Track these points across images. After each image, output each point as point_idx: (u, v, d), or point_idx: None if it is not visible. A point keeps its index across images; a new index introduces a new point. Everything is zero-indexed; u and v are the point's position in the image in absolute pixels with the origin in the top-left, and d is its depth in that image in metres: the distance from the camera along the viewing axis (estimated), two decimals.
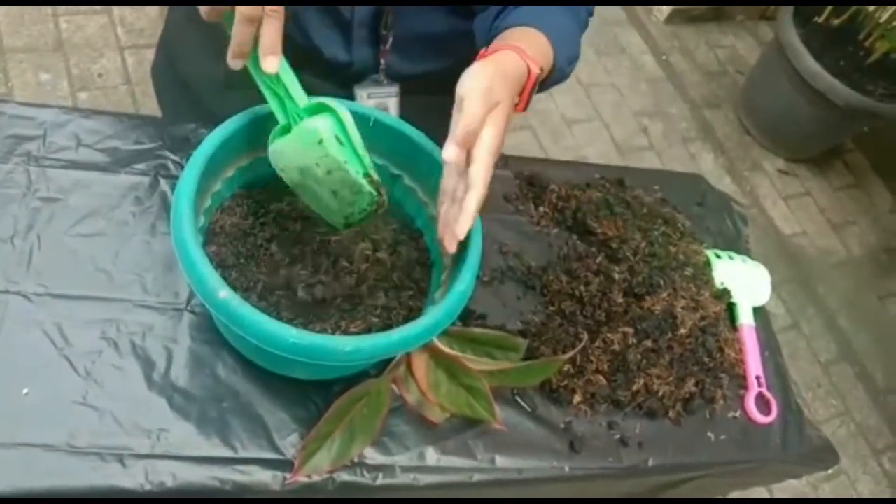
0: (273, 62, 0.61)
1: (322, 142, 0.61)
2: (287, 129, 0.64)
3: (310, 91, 0.64)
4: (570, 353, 0.74)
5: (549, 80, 0.75)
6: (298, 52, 0.62)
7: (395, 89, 0.89)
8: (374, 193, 0.64)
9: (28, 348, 0.64)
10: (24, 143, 0.75)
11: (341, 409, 0.66)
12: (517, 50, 0.67)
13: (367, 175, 0.64)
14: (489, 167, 0.61)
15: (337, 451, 0.65)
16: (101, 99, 1.75)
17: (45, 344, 0.64)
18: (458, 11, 0.86)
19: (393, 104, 0.89)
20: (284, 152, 0.64)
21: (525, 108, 0.70)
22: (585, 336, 0.79)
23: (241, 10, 0.58)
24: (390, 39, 0.85)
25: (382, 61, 0.87)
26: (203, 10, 0.60)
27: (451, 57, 0.93)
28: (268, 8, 0.59)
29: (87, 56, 1.81)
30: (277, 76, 0.62)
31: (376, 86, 0.88)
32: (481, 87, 0.61)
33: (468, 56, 0.92)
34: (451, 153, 0.60)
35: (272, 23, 0.59)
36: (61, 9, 1.85)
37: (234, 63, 0.61)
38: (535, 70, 0.67)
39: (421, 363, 0.70)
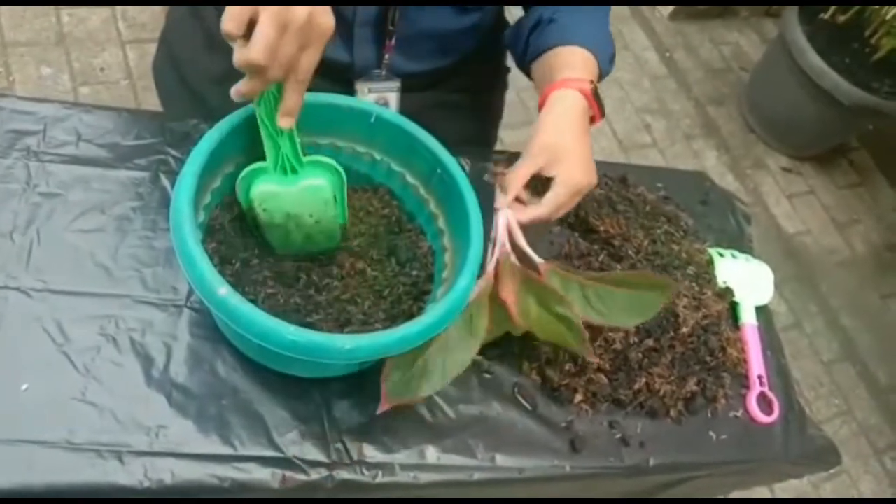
0: (290, 122, 0.62)
1: (327, 202, 0.67)
2: (263, 171, 0.65)
3: (309, 89, 0.64)
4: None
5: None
6: None
7: (395, 84, 0.89)
8: (339, 241, 0.71)
9: (27, 344, 0.64)
10: (24, 138, 0.75)
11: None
12: (581, 91, 0.77)
13: (343, 224, 0.70)
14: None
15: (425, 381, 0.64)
16: (102, 93, 1.75)
17: (45, 340, 0.64)
18: (464, 8, 0.85)
19: (393, 98, 0.89)
20: (278, 195, 0.66)
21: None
22: (587, 334, 0.79)
23: (270, 74, 0.56)
24: (394, 38, 0.84)
25: (386, 56, 0.86)
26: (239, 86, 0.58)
27: (454, 54, 0.92)
28: (301, 76, 0.58)
29: (88, 50, 1.80)
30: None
31: (377, 80, 0.88)
32: (573, 187, 0.74)
33: (470, 54, 0.92)
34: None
35: (300, 89, 0.60)
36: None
37: (238, 98, 0.59)
38: (592, 99, 0.78)
39: (510, 289, 0.69)
